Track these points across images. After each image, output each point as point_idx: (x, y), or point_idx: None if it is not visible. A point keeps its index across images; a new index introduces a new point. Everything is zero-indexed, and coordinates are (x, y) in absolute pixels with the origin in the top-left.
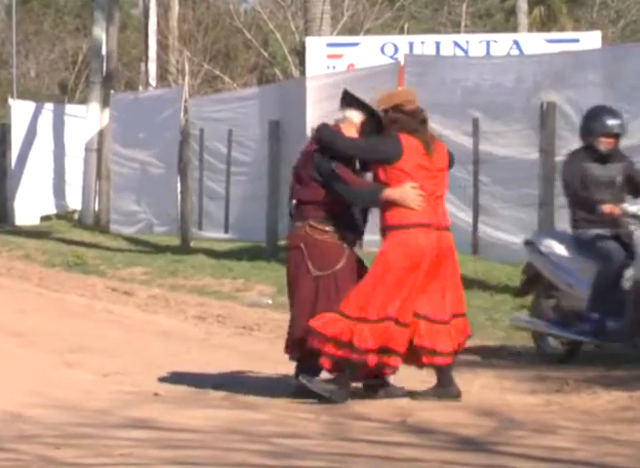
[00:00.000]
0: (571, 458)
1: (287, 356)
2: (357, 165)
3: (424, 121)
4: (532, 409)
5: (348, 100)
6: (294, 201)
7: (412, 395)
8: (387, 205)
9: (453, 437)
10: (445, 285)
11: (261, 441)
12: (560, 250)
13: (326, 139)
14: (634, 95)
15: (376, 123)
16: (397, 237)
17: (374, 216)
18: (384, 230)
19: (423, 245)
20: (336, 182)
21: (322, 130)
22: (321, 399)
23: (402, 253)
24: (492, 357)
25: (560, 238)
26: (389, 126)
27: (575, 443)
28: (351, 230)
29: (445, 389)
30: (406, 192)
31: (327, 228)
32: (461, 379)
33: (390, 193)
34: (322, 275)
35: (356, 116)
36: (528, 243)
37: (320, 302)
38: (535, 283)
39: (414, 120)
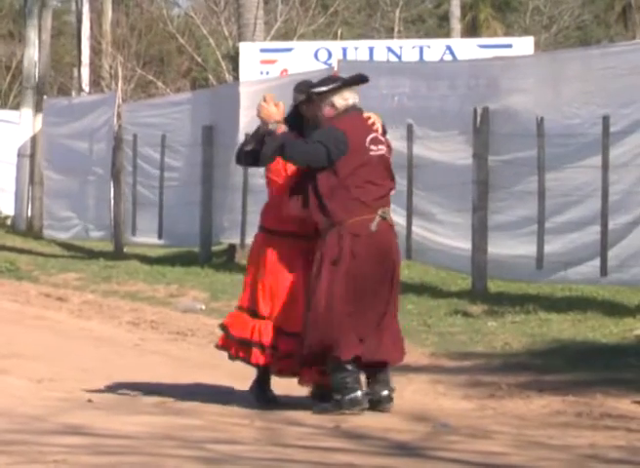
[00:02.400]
0: (504, 463)
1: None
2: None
3: None
4: (466, 413)
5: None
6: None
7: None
8: None
9: (387, 442)
10: None
11: (195, 446)
12: None
13: None
14: (581, 99)
15: None
16: None
17: None
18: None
19: None
20: None
21: None
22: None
23: None
24: (426, 361)
25: None
26: None
27: (508, 447)
28: None
29: None
30: None
31: None
32: (395, 384)
33: None
34: None
35: None
36: None
37: None
38: None
39: None
